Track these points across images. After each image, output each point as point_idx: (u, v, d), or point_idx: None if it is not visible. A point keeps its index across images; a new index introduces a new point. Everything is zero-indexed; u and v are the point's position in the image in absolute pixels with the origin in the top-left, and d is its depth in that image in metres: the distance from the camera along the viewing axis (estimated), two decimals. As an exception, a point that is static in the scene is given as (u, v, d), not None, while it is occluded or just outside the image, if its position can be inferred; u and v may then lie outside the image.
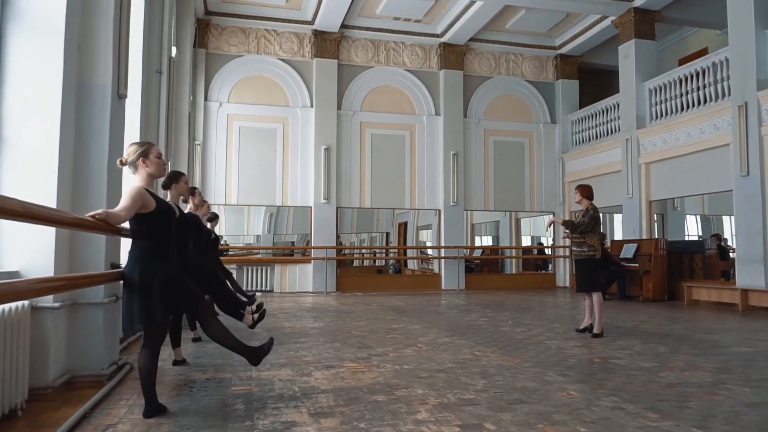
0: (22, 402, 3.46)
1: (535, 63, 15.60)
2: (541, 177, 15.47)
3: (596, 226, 6.73)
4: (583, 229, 6.72)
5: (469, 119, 15.01)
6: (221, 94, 13.66)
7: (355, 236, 17.81)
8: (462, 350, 5.68)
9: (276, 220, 15.51)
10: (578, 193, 6.93)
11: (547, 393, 3.94)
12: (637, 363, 5.03)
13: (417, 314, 8.93)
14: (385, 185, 14.50)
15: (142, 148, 3.50)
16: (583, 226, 6.70)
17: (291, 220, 15.23)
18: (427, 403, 3.70)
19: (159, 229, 3.44)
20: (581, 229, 6.73)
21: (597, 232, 6.75)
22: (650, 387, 4.14)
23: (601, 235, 6.97)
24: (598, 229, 6.77)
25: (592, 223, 6.69)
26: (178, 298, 3.40)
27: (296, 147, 13.97)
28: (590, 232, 6.72)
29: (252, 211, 15.28)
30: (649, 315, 8.89)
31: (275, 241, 15.71)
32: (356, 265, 17.34)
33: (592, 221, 6.69)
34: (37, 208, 2.45)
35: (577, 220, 6.86)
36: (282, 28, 14.01)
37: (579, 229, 6.74)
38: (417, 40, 14.75)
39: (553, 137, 15.62)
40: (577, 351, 5.65)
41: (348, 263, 16.49)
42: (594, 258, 6.75)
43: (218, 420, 3.35)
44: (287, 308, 9.94)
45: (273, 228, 15.85)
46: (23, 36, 3.88)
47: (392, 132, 14.69)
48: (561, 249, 15.42)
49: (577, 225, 6.77)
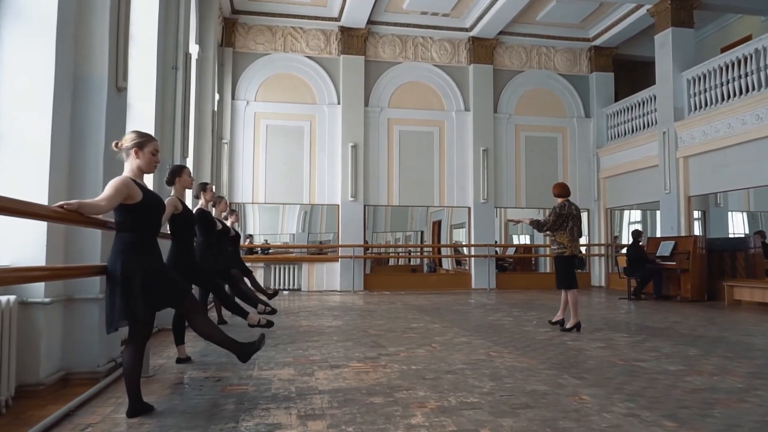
0: (7, 399, 3.39)
1: (567, 56, 15.12)
2: (575, 173, 14.97)
3: (564, 224, 6.80)
4: (550, 227, 6.85)
5: (500, 115, 14.65)
6: (248, 93, 13.67)
7: (390, 235, 17.65)
8: (477, 350, 5.43)
9: (310, 218, 15.43)
10: (553, 192, 7.07)
11: (557, 397, 3.68)
12: (663, 366, 4.69)
13: (440, 313, 8.69)
14: (414, 183, 14.27)
15: (141, 139, 3.38)
16: (549, 224, 6.84)
17: (324, 219, 15.11)
18: (426, 406, 3.48)
19: (144, 222, 3.31)
20: (547, 227, 6.87)
21: (567, 229, 6.80)
22: (672, 392, 3.83)
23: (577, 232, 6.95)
24: (569, 226, 6.81)
25: (559, 220, 6.78)
26: (161, 292, 3.27)
27: (323, 145, 13.87)
28: (559, 229, 6.82)
29: (287, 209, 15.25)
30: (684, 315, 8.44)
31: (310, 240, 15.64)
32: (391, 264, 17.15)
33: (558, 219, 6.78)
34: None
35: (542, 220, 7.00)
36: (308, 26, 13.93)
37: (545, 228, 6.90)
38: (445, 34, 14.47)
39: (587, 132, 15.11)
40: (599, 353, 5.33)
41: (384, 262, 16.34)
42: (563, 255, 6.85)
43: (202, 421, 3.21)
44: (310, 307, 9.83)
45: (307, 226, 15.80)
46: (13, 27, 3.83)
47: (420, 128, 14.44)
48: (596, 247, 14.91)
49: (543, 224, 6.92)
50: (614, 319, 8.10)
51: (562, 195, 6.96)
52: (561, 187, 7.04)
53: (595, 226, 14.95)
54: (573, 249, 6.84)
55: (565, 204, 6.86)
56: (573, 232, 6.83)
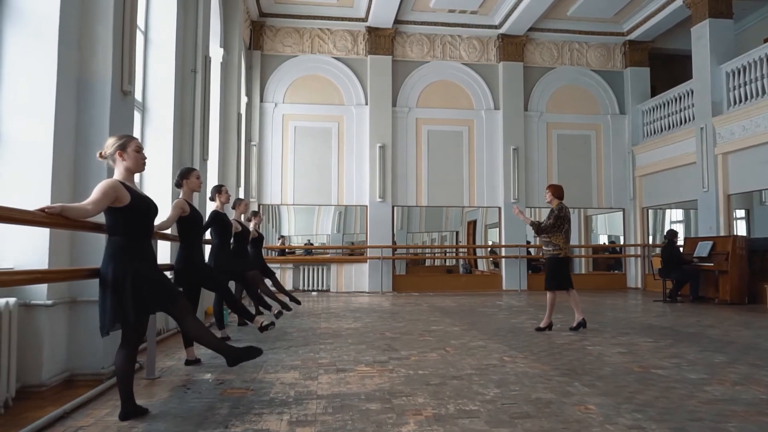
0: (7, 399, 3.44)
1: (601, 51, 14.71)
2: (610, 171, 14.56)
3: (561, 226, 6.83)
4: (548, 231, 6.85)
5: (531, 113, 14.36)
6: (276, 95, 13.76)
7: (427, 235, 17.52)
8: (491, 355, 5.28)
9: (344, 219, 15.41)
10: (549, 193, 7.06)
11: (562, 406, 3.52)
12: (683, 374, 4.46)
13: (463, 316, 8.54)
14: (443, 183, 14.12)
15: (120, 141, 3.39)
16: (549, 228, 6.84)
17: (359, 220, 15.07)
18: (421, 413, 3.38)
19: (134, 225, 3.31)
20: (547, 230, 6.87)
21: (563, 231, 6.84)
22: (687, 403, 3.62)
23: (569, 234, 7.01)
24: (565, 228, 6.86)
25: (558, 223, 6.80)
26: (150, 296, 3.25)
27: (351, 145, 13.86)
28: (556, 231, 6.83)
29: (322, 210, 15.26)
30: (719, 319, 8.06)
31: (345, 241, 15.63)
32: (428, 265, 17.03)
33: (558, 221, 6.80)
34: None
35: (543, 223, 6.95)
36: (336, 27, 13.94)
37: (545, 232, 6.89)
38: (474, 32, 14.27)
39: (622, 129, 14.67)
40: (618, 358, 5.12)
41: (420, 262, 16.24)
42: (558, 257, 6.87)
43: (191, 425, 3.18)
44: (334, 308, 9.80)
45: (342, 227, 15.80)
46: (16, 33, 3.89)
47: (449, 128, 14.28)
48: (632, 248, 14.46)
49: (543, 228, 6.90)
50: (643, 322, 7.80)
51: (559, 197, 6.99)
52: (558, 189, 7.06)
53: (630, 226, 14.50)
54: (567, 251, 6.94)
55: (563, 206, 6.92)
56: (567, 234, 6.93)
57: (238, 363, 3.58)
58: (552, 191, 7.03)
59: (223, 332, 6.25)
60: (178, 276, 4.92)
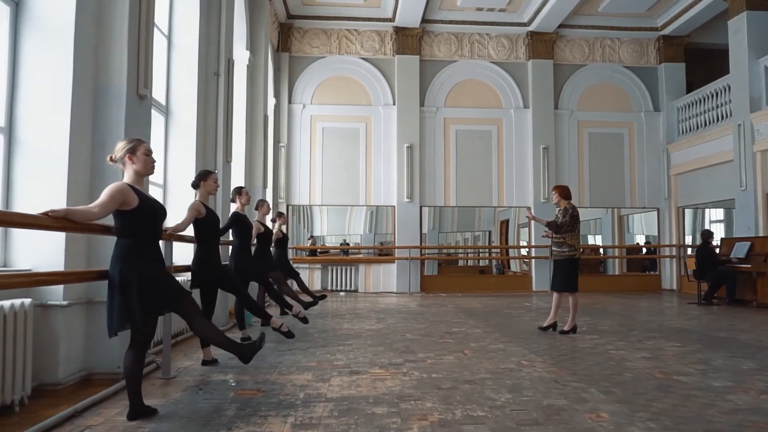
0: (22, 397, 3.52)
1: (634, 47, 14.35)
2: (644, 170, 14.20)
3: (576, 226, 6.79)
4: (566, 230, 6.75)
5: (561, 111, 14.11)
6: (305, 96, 13.84)
7: (460, 235, 17.41)
8: (509, 359, 5.20)
9: (376, 219, 15.38)
10: (556, 194, 6.98)
11: (573, 414, 3.43)
12: (707, 381, 4.30)
13: (487, 317, 8.44)
14: (472, 182, 13.99)
15: (130, 145, 3.44)
16: (566, 226, 6.74)
17: (390, 220, 15.04)
18: (427, 419, 3.33)
19: (142, 228, 3.35)
20: (564, 229, 6.76)
21: (577, 231, 6.81)
22: (706, 412, 3.48)
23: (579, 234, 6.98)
24: (578, 228, 6.82)
25: (572, 222, 6.74)
26: (157, 297, 3.29)
27: (379, 146, 13.85)
28: (570, 231, 6.77)
29: (354, 211, 15.25)
30: (754, 323, 7.77)
31: (377, 241, 15.62)
32: (460, 265, 16.92)
33: (573, 220, 6.74)
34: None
35: (559, 221, 6.84)
36: (363, 27, 13.95)
37: (562, 230, 6.78)
38: (502, 30, 14.10)
39: (656, 126, 14.28)
40: (641, 364, 4.97)
41: (453, 263, 16.15)
42: (574, 258, 6.81)
43: (196, 427, 3.20)
44: (359, 309, 9.80)
45: (374, 227, 15.81)
46: (33, 38, 3.99)
47: (478, 127, 14.14)
48: (666, 249, 14.07)
49: (560, 225, 6.79)
50: (673, 325, 7.58)
51: (566, 198, 6.92)
52: (565, 189, 7.00)
53: (665, 226, 14.11)
54: (579, 252, 6.87)
55: (573, 206, 6.88)
56: (579, 235, 6.88)
57: (251, 358, 3.60)
58: (559, 192, 6.96)
59: (243, 332, 6.30)
60: (195, 277, 4.98)
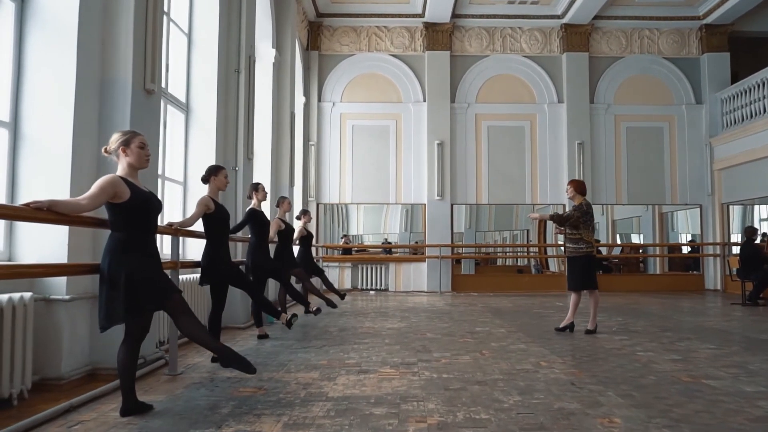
0: (21, 391, 3.51)
1: (674, 37, 13.79)
2: (685, 165, 13.63)
3: (590, 222, 6.55)
4: (573, 223, 6.52)
5: (597, 105, 13.67)
6: (334, 95, 13.80)
7: (498, 234, 17.12)
8: (527, 359, 4.98)
9: (411, 217, 15.20)
10: (571, 188, 6.73)
11: (583, 419, 3.21)
12: (738, 386, 4.00)
13: (515, 317, 8.19)
14: (504, 179, 13.70)
15: (124, 137, 3.39)
16: (573, 219, 6.50)
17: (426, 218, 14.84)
18: (425, 421, 3.17)
19: (134, 221, 3.28)
20: (571, 222, 6.52)
21: (592, 228, 6.59)
22: (731, 419, 3.21)
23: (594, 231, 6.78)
24: (592, 225, 6.60)
25: (584, 218, 6.50)
26: (143, 295, 3.21)
27: (409, 143, 13.70)
28: (585, 228, 6.52)
29: (390, 209, 15.10)
30: (801, 325, 7.31)
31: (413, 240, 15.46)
32: (499, 264, 16.64)
33: (585, 216, 6.50)
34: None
35: (566, 214, 6.65)
36: (392, 24, 13.82)
37: (568, 222, 6.54)
38: (535, 23, 13.75)
39: (698, 120, 13.69)
40: (668, 366, 4.68)
41: (491, 262, 15.89)
42: (591, 254, 6.58)
43: (186, 424, 3.12)
44: (385, 308, 9.66)
45: (409, 226, 15.66)
46: (37, 34, 3.99)
47: (510, 123, 13.83)
48: (710, 247, 13.47)
49: (567, 218, 6.56)
50: (711, 326, 7.19)
51: (583, 193, 6.71)
52: (581, 184, 6.77)
53: (708, 223, 13.52)
54: (594, 249, 6.64)
55: (588, 203, 6.66)
56: (593, 232, 6.66)
57: (230, 365, 3.49)
58: (574, 186, 6.72)
59: (261, 330, 6.24)
60: (205, 273, 4.94)
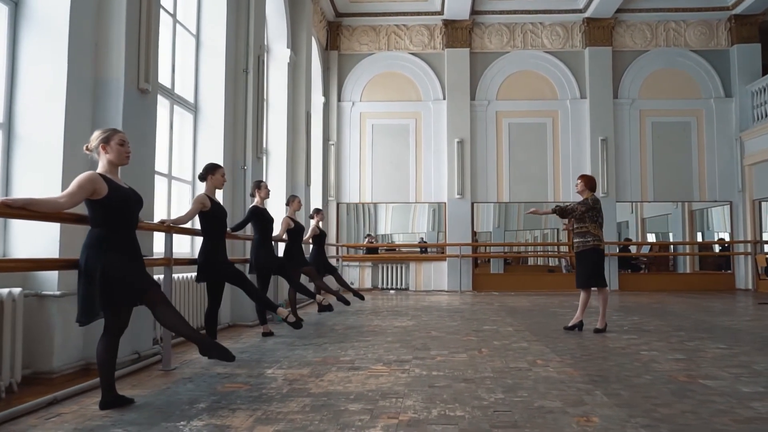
0: (11, 384, 3.60)
1: (701, 29, 13.39)
2: (714, 161, 13.22)
3: (597, 218, 6.42)
4: (578, 216, 6.41)
5: (621, 100, 13.37)
6: (354, 94, 13.84)
7: (529, 233, 16.94)
8: (524, 358, 4.89)
9: (439, 217, 15.12)
10: (581, 182, 6.58)
11: (560, 417, 3.13)
12: (736, 386, 3.85)
13: (528, 316, 8.08)
14: (525, 177, 13.53)
15: (104, 135, 3.45)
16: (577, 212, 6.42)
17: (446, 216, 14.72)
18: (397, 417, 3.14)
19: (112, 218, 3.33)
20: (575, 215, 6.43)
21: (599, 223, 6.45)
22: (717, 420, 3.09)
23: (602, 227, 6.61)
24: (600, 221, 6.47)
25: (590, 213, 6.38)
26: (118, 292, 3.24)
27: (429, 142, 13.64)
28: (594, 222, 6.40)
29: (418, 208, 15.03)
30: (826, 326, 7.00)
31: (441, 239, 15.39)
32: (530, 264, 16.47)
33: (591, 212, 6.38)
34: None
35: (569, 206, 6.57)
36: (411, 22, 13.78)
37: (572, 216, 6.47)
38: (557, 18, 13.54)
39: (728, 114, 13.26)
40: (669, 366, 4.53)
41: (523, 261, 15.77)
42: (598, 248, 6.42)
43: (161, 417, 3.15)
44: (401, 306, 9.64)
45: (437, 225, 15.60)
46: (30, 36, 4.10)
47: (532, 120, 13.64)
48: (740, 245, 13.03)
49: (570, 210, 6.49)
50: (729, 326, 6.94)
51: (592, 189, 6.59)
52: (591, 180, 6.64)
53: (739, 220, 13.08)
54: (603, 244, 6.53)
55: (597, 199, 6.55)
56: (601, 228, 6.51)
57: (209, 353, 3.50)
58: (585, 182, 6.58)
59: (265, 327, 6.28)
60: (201, 271, 5.00)
